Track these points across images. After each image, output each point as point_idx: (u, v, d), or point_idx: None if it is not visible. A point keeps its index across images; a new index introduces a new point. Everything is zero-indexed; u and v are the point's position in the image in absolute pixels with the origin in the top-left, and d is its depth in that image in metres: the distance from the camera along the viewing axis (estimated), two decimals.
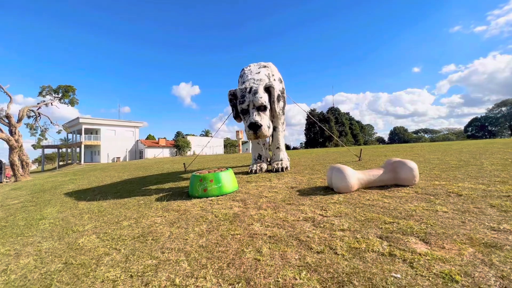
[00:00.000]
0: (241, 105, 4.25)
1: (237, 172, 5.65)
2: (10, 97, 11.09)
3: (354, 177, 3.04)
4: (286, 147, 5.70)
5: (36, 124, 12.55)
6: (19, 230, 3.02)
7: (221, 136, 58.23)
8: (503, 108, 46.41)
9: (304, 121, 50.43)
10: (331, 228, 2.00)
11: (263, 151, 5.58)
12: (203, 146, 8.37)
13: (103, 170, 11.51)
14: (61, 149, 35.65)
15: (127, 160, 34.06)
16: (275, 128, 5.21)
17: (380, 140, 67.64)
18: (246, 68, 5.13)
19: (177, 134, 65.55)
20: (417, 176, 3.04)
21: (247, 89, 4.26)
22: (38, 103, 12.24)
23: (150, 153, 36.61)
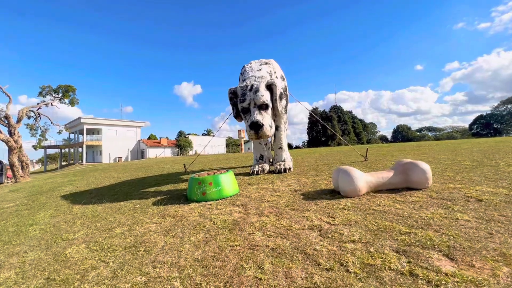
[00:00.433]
0: (241, 103, 4.06)
1: (238, 173, 5.46)
2: (10, 97, 11.01)
3: (362, 180, 2.83)
4: (288, 146, 5.50)
5: (36, 124, 12.48)
6: (7, 237, 2.86)
7: (223, 136, 58.10)
8: (509, 105, 45.68)
9: (307, 120, 50.12)
10: (340, 239, 1.81)
11: (265, 151, 5.39)
12: (204, 146, 8.19)
13: (103, 171, 11.39)
14: (63, 149, 35.75)
15: (129, 160, 34.05)
16: (277, 128, 5.01)
17: (383, 139, 67.08)
18: (247, 65, 4.93)
19: (179, 134, 65.57)
20: (430, 178, 2.83)
21: (248, 87, 4.07)
22: (38, 103, 12.15)
23: (152, 153, 36.58)
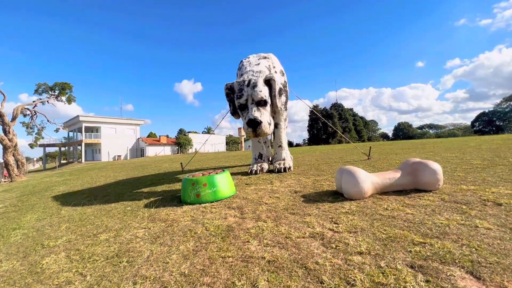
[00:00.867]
0: (238, 99, 3.84)
1: (237, 173, 5.26)
2: (4, 95, 10.78)
3: (367, 181, 2.62)
4: (288, 144, 5.28)
5: (33, 123, 12.26)
6: None
7: (224, 133, 57.91)
8: None
9: (307, 118, 49.82)
10: (345, 250, 1.60)
11: (264, 149, 5.18)
12: (203, 144, 7.99)
13: (100, 170, 11.21)
14: (62, 148, 35.61)
15: (128, 158, 33.90)
16: (276, 125, 4.80)
17: (384, 136, 66.78)
18: (245, 59, 4.70)
19: (180, 132, 65.40)
20: (441, 179, 2.62)
21: (245, 82, 3.85)
22: (34, 101, 11.92)
23: (151, 151, 36.41)
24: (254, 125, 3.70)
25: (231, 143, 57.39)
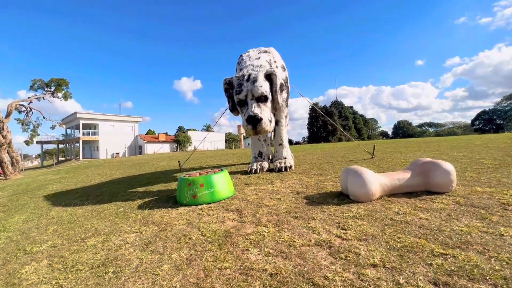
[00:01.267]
0: (238, 95, 3.65)
1: (236, 172, 5.08)
2: None
3: (376, 182, 2.45)
4: (289, 142, 5.09)
5: (28, 119, 12.03)
6: None
7: (223, 131, 57.66)
8: None
9: (307, 115, 49.55)
10: (357, 262, 1.43)
11: (264, 148, 4.99)
12: (201, 141, 7.81)
13: (97, 168, 11.02)
14: (60, 145, 35.34)
15: (127, 155, 33.68)
16: (277, 122, 4.61)
17: (384, 134, 66.66)
18: (244, 54, 4.50)
19: (179, 129, 65.11)
20: (455, 181, 2.45)
21: (245, 76, 3.65)
22: (29, 97, 11.68)
23: (150, 148, 36.18)
24: (254, 122, 3.51)
25: (230, 140, 57.18)
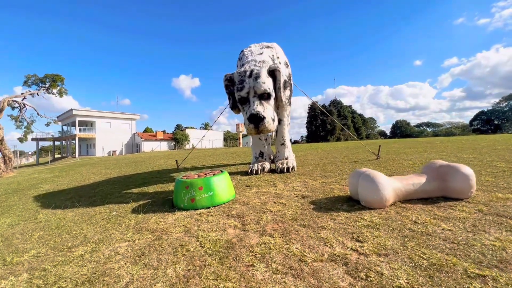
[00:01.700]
0: (239, 92, 3.44)
1: (235, 172, 4.89)
2: None
3: (389, 187, 2.26)
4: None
5: (21, 116, 11.71)
6: None
7: (221, 129, 57.39)
8: (511, 101, 45.21)
9: (305, 114, 49.44)
10: (380, 284, 1.24)
11: (265, 147, 4.80)
12: (200, 140, 7.59)
13: (92, 166, 10.77)
14: (57, 142, 34.89)
15: (124, 153, 33.32)
16: (279, 121, 4.41)
17: (382, 134, 66.76)
18: (246, 49, 4.29)
19: (177, 127, 64.68)
20: (474, 186, 2.27)
21: (247, 72, 3.44)
22: (22, 93, 11.34)
23: (147, 146, 35.83)
24: (256, 120, 3.31)
25: (229, 139, 56.94)
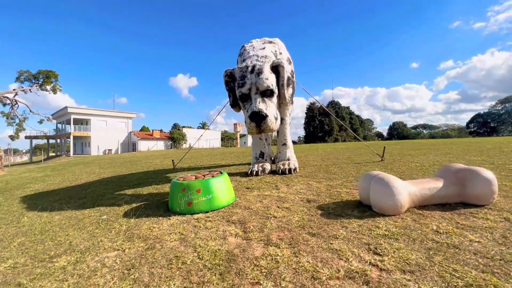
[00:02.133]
0: (240, 88, 3.24)
1: (234, 173, 4.68)
2: None
3: (404, 192, 2.08)
4: None
5: (13, 113, 11.34)
6: None
7: (219, 129, 57.11)
8: (507, 104, 45.79)
9: (302, 115, 49.35)
10: None
11: (266, 148, 4.61)
12: (197, 139, 7.36)
13: (86, 165, 10.47)
14: (51, 140, 34.29)
15: (119, 152, 32.86)
16: (281, 120, 4.21)
17: (379, 135, 67.05)
18: (247, 44, 4.09)
19: (174, 126, 64.23)
20: (496, 192, 2.10)
21: (249, 68, 3.25)
22: (14, 89, 10.98)
23: (143, 145, 35.40)
24: (258, 119, 3.11)
25: (226, 139, 56.68)
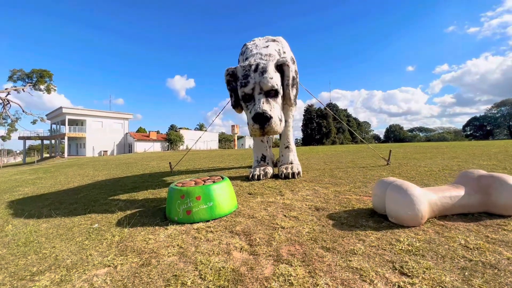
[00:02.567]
0: (243, 88, 3.06)
1: (234, 177, 4.48)
2: None
3: (424, 201, 1.91)
4: None
5: (5, 113, 10.99)
6: None
7: (216, 131, 56.80)
8: (503, 108, 46.42)
9: (300, 117, 49.33)
10: None
11: (268, 150, 4.42)
12: (195, 141, 7.15)
13: (80, 167, 10.18)
14: (46, 141, 33.69)
15: (115, 154, 32.41)
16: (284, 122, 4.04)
17: (376, 138, 67.34)
18: (249, 42, 3.92)
19: (171, 127, 63.79)
20: None
21: (252, 66, 3.07)
22: (6, 88, 10.63)
23: (140, 147, 34.96)
24: (262, 120, 2.93)
25: (224, 140, 56.39)
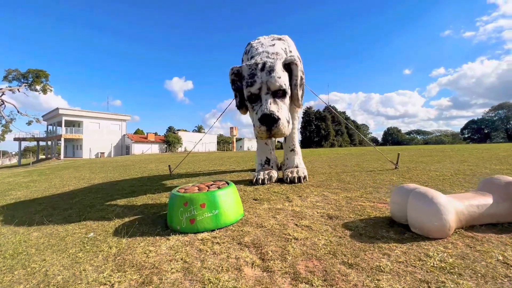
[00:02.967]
0: (249, 88, 2.90)
1: (237, 181, 4.30)
2: None
3: (452, 210, 1.75)
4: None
5: None
6: None
7: (214, 133, 56.56)
8: (500, 111, 46.85)
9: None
10: None
11: (272, 154, 4.26)
12: (195, 143, 6.95)
13: (76, 169, 9.92)
14: (41, 142, 33.23)
15: (112, 156, 32.05)
16: None
17: (374, 141, 67.50)
18: (254, 41, 3.77)
19: (169, 129, 63.47)
20: None
21: (259, 65, 2.91)
22: (1, 89, 10.37)
23: (137, 148, 34.62)
24: (269, 122, 2.77)
25: (222, 142, 56.15)
